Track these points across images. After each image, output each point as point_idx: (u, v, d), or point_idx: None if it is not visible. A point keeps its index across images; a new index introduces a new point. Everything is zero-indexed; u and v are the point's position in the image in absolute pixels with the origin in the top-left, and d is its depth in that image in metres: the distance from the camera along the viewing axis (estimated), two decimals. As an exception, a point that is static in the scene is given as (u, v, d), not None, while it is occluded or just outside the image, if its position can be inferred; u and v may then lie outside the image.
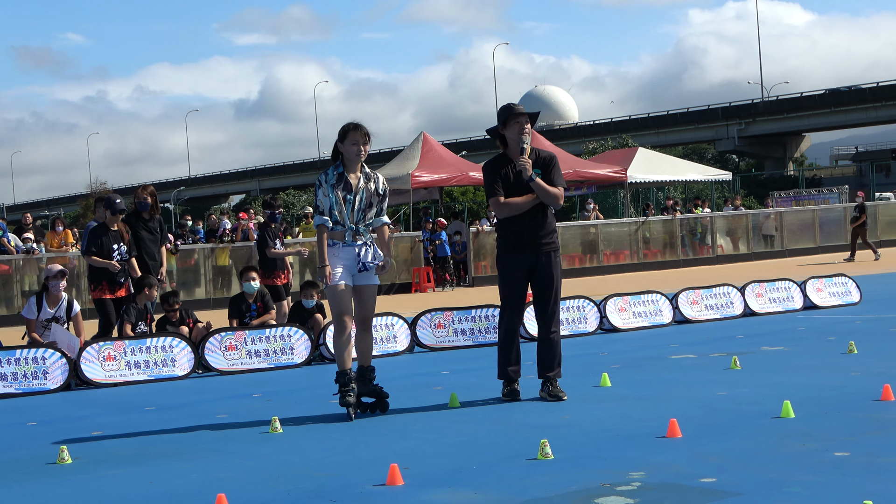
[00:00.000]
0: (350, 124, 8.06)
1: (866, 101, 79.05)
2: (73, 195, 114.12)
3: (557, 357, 8.38)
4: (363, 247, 8.05)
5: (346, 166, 8.06)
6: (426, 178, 28.14)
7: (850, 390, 7.89)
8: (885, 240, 34.84)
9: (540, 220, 8.36)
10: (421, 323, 12.64)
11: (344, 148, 8.04)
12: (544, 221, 8.37)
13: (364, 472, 5.94)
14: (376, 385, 8.12)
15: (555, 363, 8.35)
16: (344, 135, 8.03)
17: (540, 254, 8.34)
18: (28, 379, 10.64)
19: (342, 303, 7.98)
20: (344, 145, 8.03)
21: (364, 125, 8.07)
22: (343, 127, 8.08)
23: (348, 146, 8.01)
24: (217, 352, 11.53)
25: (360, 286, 8.10)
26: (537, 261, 8.36)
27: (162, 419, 8.52)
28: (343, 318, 7.97)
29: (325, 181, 8.03)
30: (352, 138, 8.00)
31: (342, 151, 8.06)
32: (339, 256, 8.01)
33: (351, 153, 8.02)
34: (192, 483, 5.99)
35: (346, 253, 8.02)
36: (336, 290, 7.98)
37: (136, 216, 13.22)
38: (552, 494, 5.21)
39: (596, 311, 13.54)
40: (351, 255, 8.02)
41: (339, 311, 7.97)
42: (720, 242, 32.53)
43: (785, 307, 14.79)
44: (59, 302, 11.89)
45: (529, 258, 8.37)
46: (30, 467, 6.73)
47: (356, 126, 8.04)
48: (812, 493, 4.95)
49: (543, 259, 8.34)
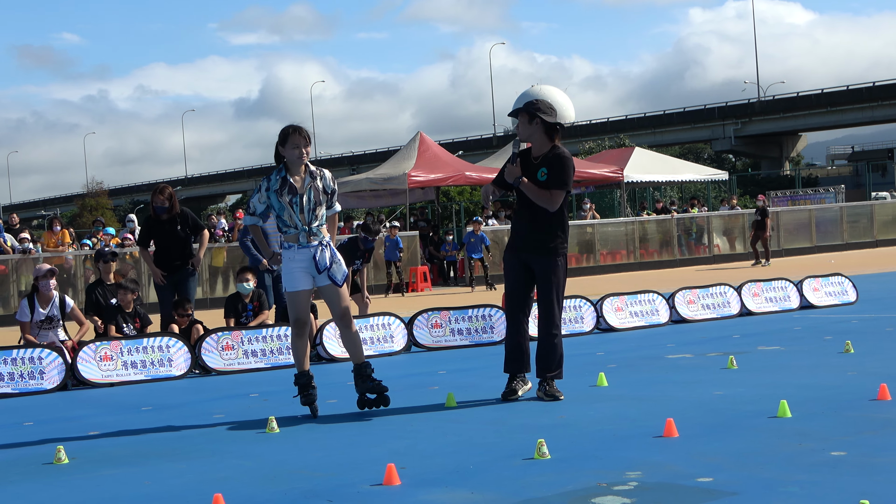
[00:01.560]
0: (290, 127, 8.10)
1: (862, 100, 79.13)
2: (69, 195, 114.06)
3: (556, 358, 8.35)
4: (318, 248, 8.07)
5: (290, 169, 8.11)
6: (423, 177, 28.13)
7: (846, 390, 7.90)
8: (881, 239, 34.89)
9: (535, 221, 8.31)
10: (418, 323, 12.64)
11: (286, 152, 8.08)
12: (540, 223, 8.30)
13: (361, 472, 5.95)
14: (376, 381, 8.18)
15: (553, 364, 8.33)
16: (285, 138, 8.06)
17: (535, 256, 8.32)
18: (25, 379, 10.63)
19: (299, 308, 8.09)
20: (285, 149, 8.07)
21: (304, 127, 8.13)
22: (283, 130, 8.11)
23: (289, 150, 8.05)
24: (214, 352, 11.53)
25: (321, 287, 8.18)
26: (533, 263, 8.35)
27: (158, 419, 8.51)
28: (299, 323, 8.11)
29: (267, 188, 8.07)
30: (293, 142, 8.03)
31: (284, 155, 8.10)
32: (294, 259, 8.06)
33: (293, 156, 8.06)
34: (189, 483, 5.98)
35: (301, 255, 8.06)
36: (293, 296, 8.09)
37: (155, 221, 12.72)
38: (549, 494, 5.22)
39: (592, 311, 13.55)
40: (307, 257, 8.05)
41: (297, 317, 8.10)
42: (716, 242, 32.56)
43: (781, 307, 14.80)
44: (52, 301, 11.87)
45: (525, 259, 8.37)
46: (26, 467, 6.72)
47: (296, 129, 8.08)
48: (808, 493, 4.95)
49: (539, 262, 8.32)
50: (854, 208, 36.49)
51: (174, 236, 12.61)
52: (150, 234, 12.87)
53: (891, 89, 76.00)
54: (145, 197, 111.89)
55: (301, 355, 8.18)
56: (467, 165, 30.75)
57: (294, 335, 8.19)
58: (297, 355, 8.19)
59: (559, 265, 8.34)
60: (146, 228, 12.99)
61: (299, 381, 8.14)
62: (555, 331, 8.35)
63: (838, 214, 35.19)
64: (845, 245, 34.12)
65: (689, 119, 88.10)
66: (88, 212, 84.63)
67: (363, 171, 59.52)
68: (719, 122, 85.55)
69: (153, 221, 12.75)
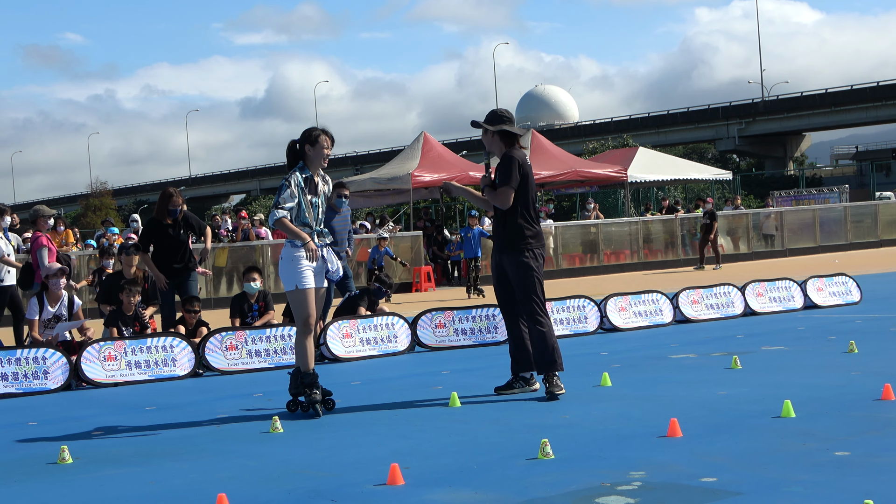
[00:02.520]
0: (320, 129, 8.28)
1: (866, 100, 79.07)
2: (73, 195, 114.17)
3: (548, 350, 8.38)
4: (325, 248, 8.29)
5: (311, 169, 8.25)
6: (427, 177, 28.16)
7: (850, 390, 7.90)
8: (885, 239, 34.86)
9: (502, 223, 8.58)
10: (421, 323, 12.64)
11: (314, 151, 8.22)
12: (506, 223, 8.55)
13: (364, 472, 5.95)
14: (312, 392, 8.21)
15: (546, 358, 8.38)
16: (315, 139, 8.21)
17: (507, 255, 8.54)
18: (28, 379, 10.64)
19: (310, 307, 8.18)
20: (314, 149, 8.21)
21: (329, 130, 8.31)
22: (313, 131, 8.26)
23: (318, 150, 8.21)
24: (217, 351, 11.53)
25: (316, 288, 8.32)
26: (505, 263, 8.56)
27: (162, 419, 8.52)
28: (309, 321, 8.20)
29: (297, 183, 8.17)
30: (322, 143, 8.21)
31: (310, 154, 8.23)
32: (307, 259, 8.15)
33: (320, 157, 8.23)
34: (193, 483, 5.99)
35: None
36: (305, 294, 8.15)
37: (158, 225, 12.53)
38: (553, 494, 5.22)
39: (596, 311, 13.54)
40: (318, 257, 8.20)
41: (307, 315, 8.17)
42: (721, 242, 32.53)
43: (785, 307, 14.79)
44: (60, 300, 11.89)
45: (500, 261, 8.63)
46: (30, 467, 6.73)
47: (325, 131, 8.28)
48: (812, 493, 4.95)
49: (509, 260, 8.52)
50: (858, 208, 36.44)
51: (177, 240, 12.47)
52: (150, 238, 12.60)
53: (894, 89, 75.92)
54: (149, 197, 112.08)
55: (309, 355, 8.22)
56: (471, 165, 30.75)
57: (301, 334, 8.22)
58: (306, 355, 8.20)
59: (527, 261, 8.48)
60: (148, 232, 12.69)
61: (305, 380, 8.16)
62: (539, 326, 8.42)
63: (842, 214, 35.16)
64: (849, 245, 34.08)
65: (692, 119, 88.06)
66: (92, 212, 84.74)
67: (367, 170, 59.56)
68: (723, 122, 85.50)
69: (156, 225, 12.53)
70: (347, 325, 12.22)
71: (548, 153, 31.68)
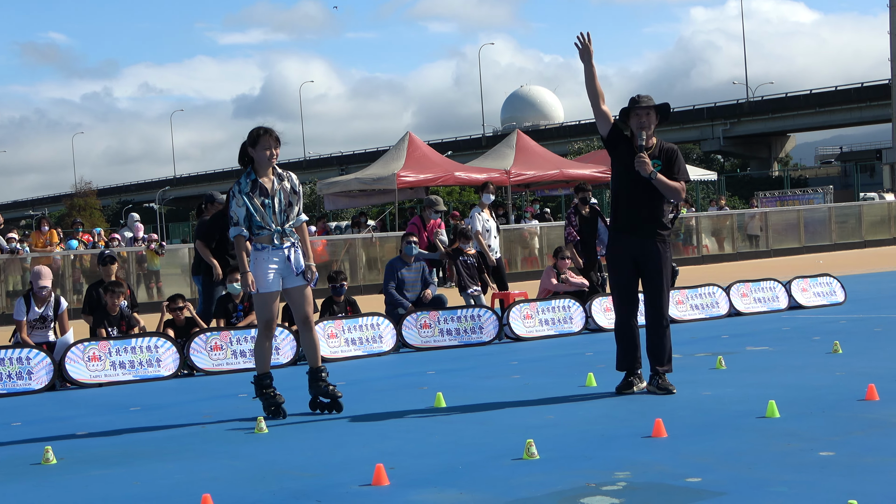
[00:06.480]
0: (261, 129, 8.12)
1: (851, 101, 79.29)
2: (58, 195, 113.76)
3: (665, 350, 8.32)
4: (291, 248, 8.14)
5: (258, 171, 8.13)
6: (412, 178, 28.12)
7: (834, 390, 7.92)
8: (869, 240, 35.00)
9: (650, 206, 8.28)
10: (406, 323, 12.64)
11: (256, 153, 8.09)
12: (655, 209, 8.29)
13: (350, 472, 5.94)
14: (330, 386, 8.20)
15: (664, 357, 8.30)
16: (255, 140, 8.07)
17: (646, 240, 8.29)
18: (12, 379, 10.60)
19: (271, 310, 8.14)
20: (256, 150, 8.09)
21: (274, 129, 8.13)
22: (254, 131, 8.12)
23: (260, 151, 8.07)
24: (202, 352, 11.51)
25: (289, 289, 8.20)
26: (645, 248, 8.31)
27: (147, 419, 8.50)
28: (270, 325, 8.16)
29: (240, 191, 8.07)
30: (263, 143, 8.06)
31: (253, 156, 8.11)
32: (269, 260, 8.09)
33: (263, 158, 8.07)
34: (178, 483, 5.97)
35: (275, 256, 8.11)
36: (265, 297, 8.11)
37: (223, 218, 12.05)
38: (538, 494, 5.22)
39: (581, 311, 13.56)
40: (281, 258, 8.12)
41: (268, 319, 8.14)
42: (705, 242, 32.61)
43: (770, 307, 14.84)
44: (47, 301, 11.84)
45: (635, 246, 8.32)
46: (14, 468, 6.70)
47: (267, 130, 8.10)
48: (797, 493, 4.96)
49: (649, 247, 8.29)
50: (842, 209, 36.58)
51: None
52: (216, 232, 12.69)
53: (879, 90, 76.15)
54: (133, 197, 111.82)
55: (268, 357, 8.26)
56: (456, 166, 30.75)
57: (261, 337, 8.23)
58: (264, 357, 8.24)
59: (670, 253, 8.44)
60: (215, 224, 12.81)
61: (259, 381, 8.16)
62: (666, 319, 8.42)
63: (827, 215, 35.27)
64: (834, 245, 34.19)
65: (677, 120, 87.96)
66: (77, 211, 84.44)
67: (352, 171, 59.50)
68: (708, 123, 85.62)
69: (221, 217, 12.33)
70: (332, 326, 12.21)
71: (533, 153, 31.70)
